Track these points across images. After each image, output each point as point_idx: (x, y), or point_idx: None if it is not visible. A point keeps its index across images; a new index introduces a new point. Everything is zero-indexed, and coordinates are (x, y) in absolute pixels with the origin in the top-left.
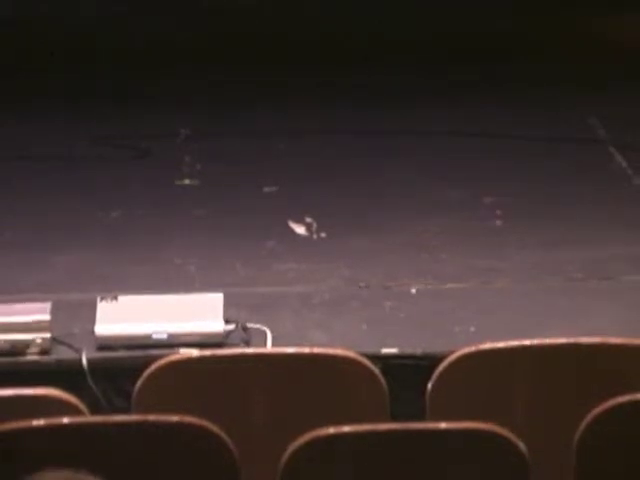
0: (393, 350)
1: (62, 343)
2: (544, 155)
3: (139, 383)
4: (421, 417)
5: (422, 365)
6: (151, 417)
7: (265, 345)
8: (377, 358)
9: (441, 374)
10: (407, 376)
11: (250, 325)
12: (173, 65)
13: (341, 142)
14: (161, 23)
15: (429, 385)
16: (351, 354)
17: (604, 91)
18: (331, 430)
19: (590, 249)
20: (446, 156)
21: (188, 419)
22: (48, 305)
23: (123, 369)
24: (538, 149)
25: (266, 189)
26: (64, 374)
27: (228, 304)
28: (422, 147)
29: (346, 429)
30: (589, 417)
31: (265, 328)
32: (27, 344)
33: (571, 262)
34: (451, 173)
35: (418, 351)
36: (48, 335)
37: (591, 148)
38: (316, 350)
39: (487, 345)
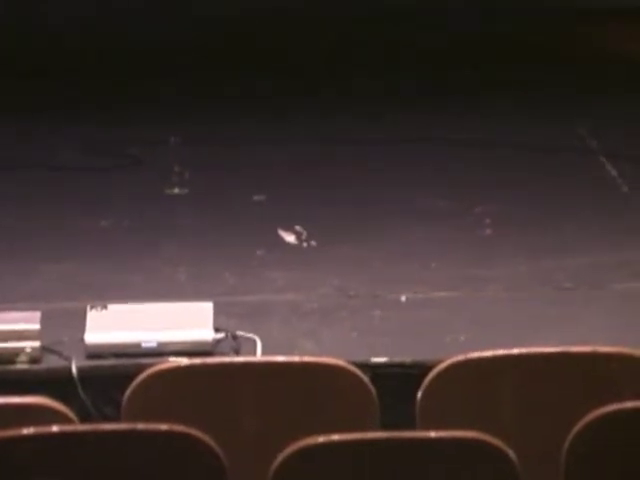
0: (383, 359)
1: (52, 352)
2: (534, 164)
3: (128, 391)
4: (411, 426)
5: (412, 374)
6: (140, 425)
7: (255, 354)
8: (367, 367)
9: (431, 383)
10: (397, 385)
11: (240, 334)
12: (162, 73)
13: (331, 151)
14: (151, 32)
15: (419, 394)
16: (340, 363)
17: (594, 100)
18: (320, 439)
19: (580, 257)
20: (436, 165)
21: (177, 428)
22: (38, 314)
23: (113, 377)
24: (528, 158)
25: (256, 197)
26: (54, 383)
27: (218, 313)
28: (412, 156)
29: (335, 438)
30: (579, 425)
31: (255, 337)
32: (17, 353)
33: (561, 271)
34: (441, 182)
35: (408, 360)
36: (38, 344)
37: (581, 157)
38: (306, 359)
39: (476, 354)
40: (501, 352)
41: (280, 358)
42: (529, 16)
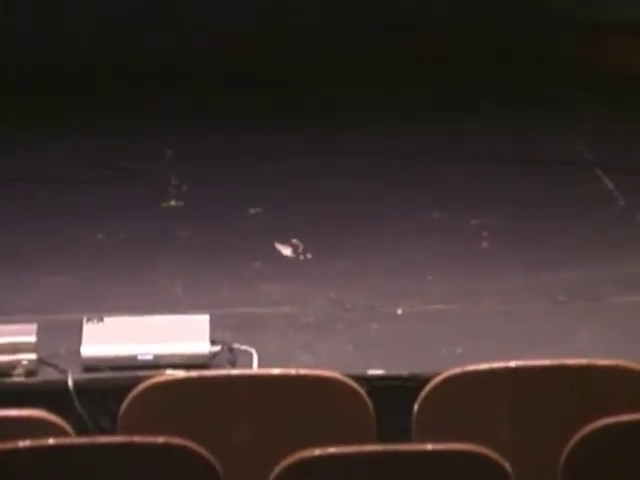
0: (379, 371)
1: (48, 364)
2: (530, 177)
3: (125, 404)
4: (407, 438)
5: (408, 386)
6: (137, 438)
7: (251, 366)
8: (363, 379)
9: (427, 395)
10: (393, 397)
11: (236, 346)
12: (160, 86)
13: (327, 164)
14: (147, 44)
15: (415, 406)
16: (337, 375)
17: (591, 113)
18: (317, 451)
19: (576, 271)
20: (432, 178)
21: (174, 440)
22: (34, 326)
23: (109, 390)
24: (524, 171)
25: (252, 210)
26: (50, 395)
27: (214, 325)
28: (408, 169)
29: (332, 450)
30: (575, 438)
31: (251, 349)
32: (13, 365)
33: (557, 284)
34: (437, 195)
35: (404, 372)
36: (34, 356)
37: (578, 170)
38: (302, 371)
39: (473, 366)
40: (497, 365)
41: (276, 371)
42: (527, 28)
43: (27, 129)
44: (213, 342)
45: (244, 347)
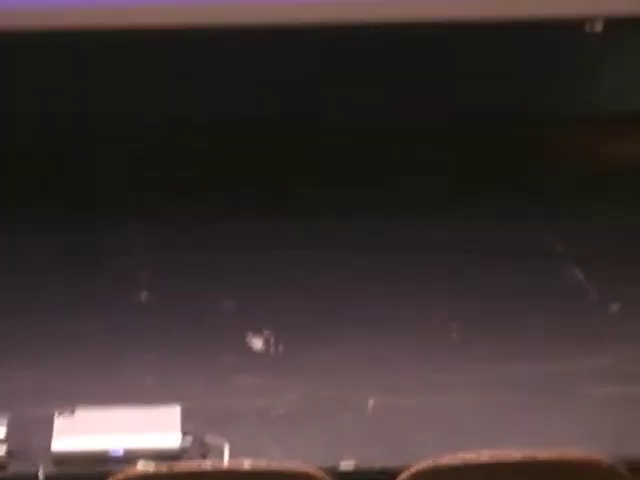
0: (351, 465)
1: (19, 458)
2: (499, 268)
3: None
4: None
5: None
6: None
7: (222, 459)
8: (335, 473)
9: None
10: None
11: (207, 439)
12: (130, 177)
13: (296, 256)
14: (113, 133)
15: None
16: (309, 469)
17: (559, 204)
18: None
19: (548, 362)
20: (400, 270)
21: None
22: (4, 420)
23: None
24: (493, 262)
25: (223, 303)
26: None
27: (185, 418)
28: (376, 261)
29: None
30: None
31: (222, 442)
32: None
33: (527, 375)
34: (405, 287)
35: (376, 466)
36: (4, 450)
37: (547, 262)
38: (273, 465)
39: (445, 459)
40: (469, 457)
41: (248, 464)
42: (495, 121)
43: None
44: (184, 434)
45: (215, 440)
